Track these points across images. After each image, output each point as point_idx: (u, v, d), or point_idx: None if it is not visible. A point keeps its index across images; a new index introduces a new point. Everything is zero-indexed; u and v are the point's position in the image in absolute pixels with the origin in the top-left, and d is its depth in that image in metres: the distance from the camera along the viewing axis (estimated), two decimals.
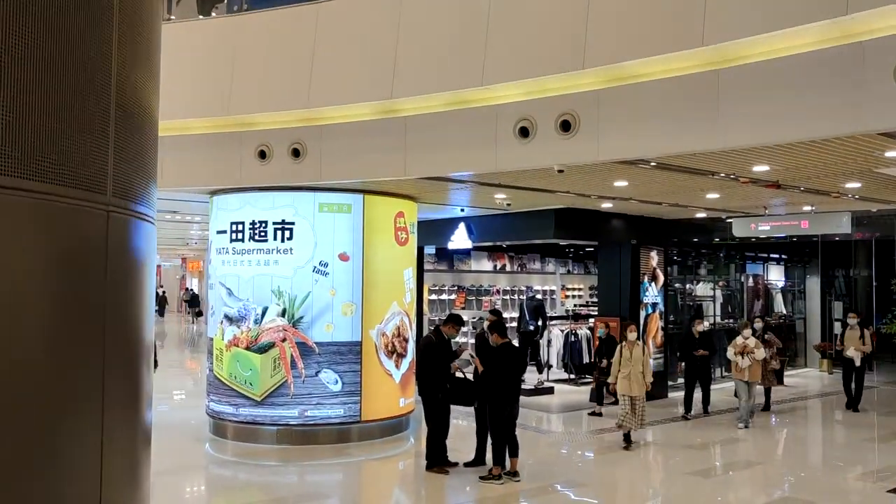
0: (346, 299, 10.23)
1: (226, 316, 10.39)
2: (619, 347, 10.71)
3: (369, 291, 10.40)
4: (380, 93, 8.70)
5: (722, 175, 9.28)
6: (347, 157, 9.41)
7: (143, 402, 2.39)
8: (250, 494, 8.68)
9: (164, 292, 37.92)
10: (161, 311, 35.54)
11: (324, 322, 10.10)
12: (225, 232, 10.50)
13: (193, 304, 35.33)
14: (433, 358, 8.88)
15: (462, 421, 10.42)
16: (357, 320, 10.29)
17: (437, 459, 8.93)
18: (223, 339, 10.40)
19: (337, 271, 10.19)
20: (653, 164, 8.46)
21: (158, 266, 42.02)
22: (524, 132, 8.06)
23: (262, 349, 10.09)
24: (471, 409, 9.26)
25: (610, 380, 10.92)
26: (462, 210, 13.21)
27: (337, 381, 10.11)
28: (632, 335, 10.61)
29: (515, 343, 12.02)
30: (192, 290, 38.70)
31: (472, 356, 9.22)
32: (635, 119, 7.24)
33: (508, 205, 11.85)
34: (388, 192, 10.57)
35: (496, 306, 18.25)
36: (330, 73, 9.08)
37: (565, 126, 7.77)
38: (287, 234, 10.12)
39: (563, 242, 16.91)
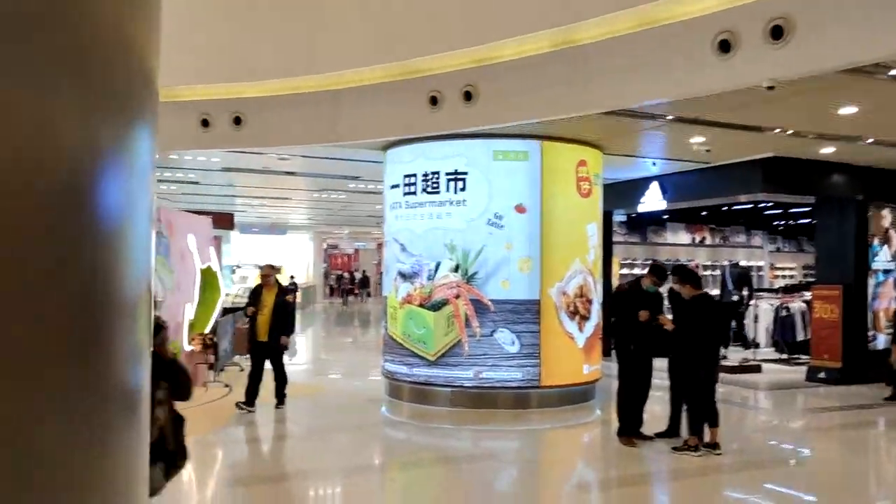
0: (523, 254, 9.46)
1: (399, 273, 9.99)
2: None
3: (548, 246, 9.56)
4: (555, 19, 7.83)
5: None
6: (522, 96, 8.63)
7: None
8: (421, 454, 8.19)
9: (364, 273, 39.45)
10: (369, 293, 37.24)
11: (499, 278, 9.40)
12: (398, 186, 10.10)
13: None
14: (623, 306, 7.89)
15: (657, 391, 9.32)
16: (535, 277, 9.48)
17: (628, 427, 7.91)
18: (397, 297, 10.02)
19: (513, 224, 9.44)
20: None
21: (356, 249, 43.62)
22: (724, 46, 6.86)
23: (436, 306, 9.57)
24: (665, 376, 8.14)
25: None
26: (654, 164, 11.97)
27: (514, 342, 9.37)
28: None
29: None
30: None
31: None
32: (873, 6, 5.83)
33: (707, 151, 10.49)
34: (569, 137, 9.66)
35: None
36: (499, 5, 8.34)
37: (776, 33, 6.49)
38: (460, 184, 9.52)
39: (772, 200, 15.01)
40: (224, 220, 24.77)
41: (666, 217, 18.36)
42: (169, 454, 3.68)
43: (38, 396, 1.55)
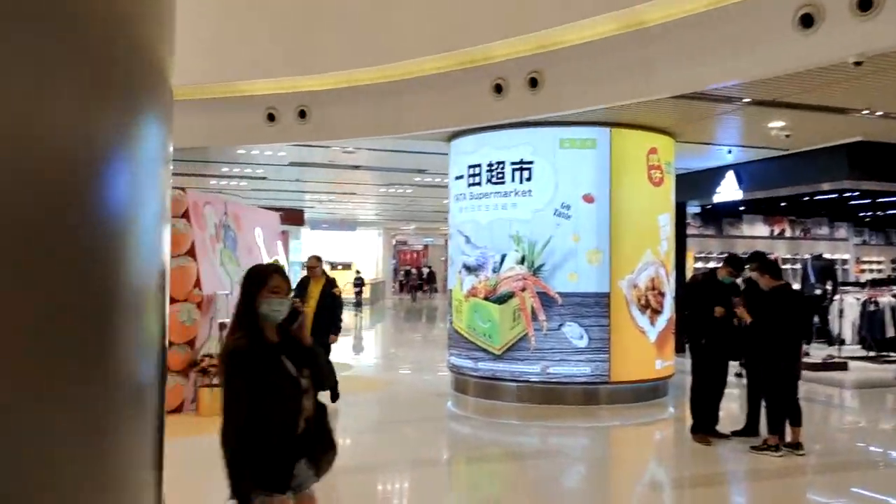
0: (591, 245, 9.16)
1: (464, 265, 9.82)
2: None
3: (618, 237, 9.23)
4: (622, 0, 7.52)
5: None
6: (588, 81, 8.34)
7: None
8: (487, 450, 8.00)
9: (430, 269, 39.50)
10: (435, 289, 37.41)
11: (567, 270, 9.13)
12: (462, 177, 9.92)
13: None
14: (696, 298, 7.53)
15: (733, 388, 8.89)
16: (604, 269, 9.17)
17: (703, 424, 7.55)
18: (461, 290, 9.85)
19: (581, 214, 9.15)
20: None
21: (426, 245, 43.69)
22: (807, 20, 6.43)
23: (501, 299, 9.36)
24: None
25: None
26: (729, 152, 11.47)
27: (582, 336, 9.09)
28: None
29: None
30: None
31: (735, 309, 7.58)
32: None
33: (787, 136, 9.96)
34: (639, 124, 9.31)
35: None
36: None
37: (864, 4, 6.04)
38: (525, 174, 9.28)
39: (858, 189, 14.23)
40: (294, 217, 25.10)
41: (742, 208, 17.67)
42: (316, 446, 3.24)
43: (43, 389, 1.47)
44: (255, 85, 10.93)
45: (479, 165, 9.66)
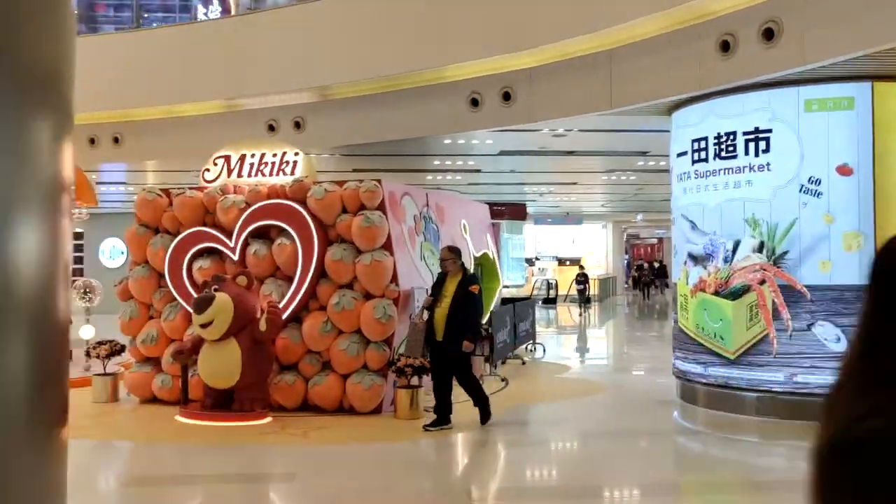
0: (848, 227, 7.49)
1: (689, 255, 8.53)
2: None
3: (885, 217, 7.48)
4: None
5: None
6: (843, 23, 6.76)
7: None
8: (723, 474, 6.74)
9: (661, 262, 37.50)
10: (666, 284, 35.33)
11: (817, 258, 7.55)
12: (685, 154, 8.63)
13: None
14: None
15: None
16: (866, 257, 7.44)
17: None
18: (687, 284, 8.57)
19: (834, 190, 7.51)
20: None
21: (660, 239, 41.46)
22: None
23: (735, 294, 7.97)
24: None
25: None
26: None
27: (839, 339, 7.45)
28: None
29: None
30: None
31: None
32: None
33: None
34: None
35: None
36: None
37: None
38: (762, 145, 7.82)
39: None
40: (516, 211, 24.61)
41: None
42: None
43: None
44: (459, 69, 10.41)
45: (704, 139, 8.32)
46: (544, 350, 13.49)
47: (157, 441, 7.40)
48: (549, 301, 27.11)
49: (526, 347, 13.22)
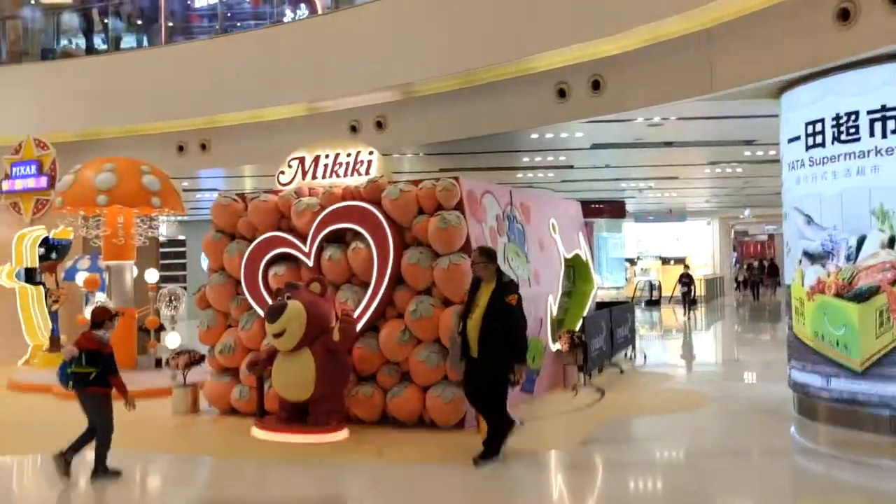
0: None
1: (805, 253, 7.60)
2: None
3: None
4: None
5: None
6: None
7: None
8: (848, 500, 5.86)
9: (772, 260, 35.41)
10: (778, 283, 33.44)
11: None
12: (798, 139, 7.71)
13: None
14: None
15: None
16: None
17: None
18: (803, 286, 7.63)
19: None
20: None
21: (770, 235, 39.25)
22: None
23: (861, 296, 7.01)
24: None
25: None
26: None
27: None
28: None
29: None
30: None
31: None
32: None
33: None
34: None
35: None
36: None
37: None
38: (890, 125, 6.85)
39: None
40: (615, 209, 23.63)
41: None
42: None
43: None
44: (544, 59, 9.76)
45: (821, 121, 7.38)
46: (645, 357, 12.62)
47: (229, 457, 7.11)
48: (653, 303, 25.89)
49: (625, 354, 12.41)
